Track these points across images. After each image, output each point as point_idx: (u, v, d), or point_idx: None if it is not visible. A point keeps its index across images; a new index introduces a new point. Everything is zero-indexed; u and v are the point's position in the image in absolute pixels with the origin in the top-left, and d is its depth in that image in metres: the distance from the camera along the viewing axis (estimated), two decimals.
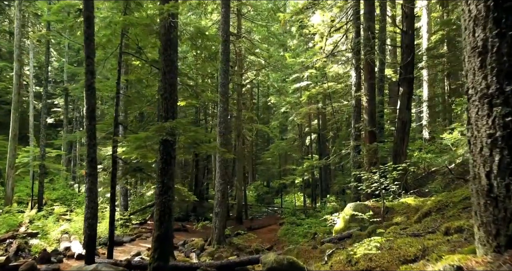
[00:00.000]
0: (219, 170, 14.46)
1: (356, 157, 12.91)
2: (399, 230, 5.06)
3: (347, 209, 8.86)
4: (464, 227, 3.39)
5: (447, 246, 3.06)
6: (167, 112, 6.96)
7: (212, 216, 14.62)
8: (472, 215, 2.58)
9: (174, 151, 7.04)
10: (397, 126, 12.69)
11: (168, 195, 6.83)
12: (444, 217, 5.08)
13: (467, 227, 3.35)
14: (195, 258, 12.07)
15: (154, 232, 6.75)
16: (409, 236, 4.11)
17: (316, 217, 17.99)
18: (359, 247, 3.59)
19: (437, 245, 3.20)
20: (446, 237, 3.48)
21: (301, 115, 24.75)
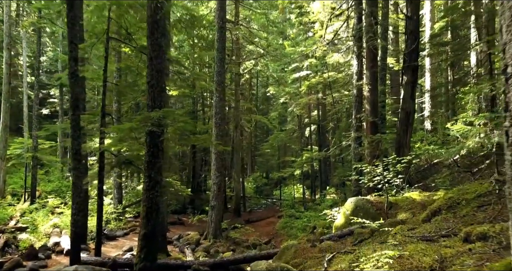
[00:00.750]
0: (215, 162, 13.97)
1: (357, 148, 12.39)
2: (407, 230, 4.57)
3: (348, 204, 8.38)
4: (489, 233, 2.90)
5: (470, 257, 2.57)
6: (153, 101, 6.43)
7: (208, 209, 14.18)
8: (498, 220, 2.05)
9: (162, 142, 6.53)
10: (400, 117, 12.15)
11: (155, 190, 6.34)
12: (456, 217, 4.59)
13: (493, 234, 2.85)
14: (189, 254, 11.65)
15: (141, 230, 6.28)
16: (420, 240, 3.61)
17: (315, 210, 17.57)
18: (366, 263, 3.10)
19: (457, 255, 2.72)
20: (466, 244, 2.99)
21: (301, 106, 24.18)
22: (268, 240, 15.42)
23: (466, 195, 5.03)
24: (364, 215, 7.84)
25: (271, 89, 32.11)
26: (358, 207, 8.06)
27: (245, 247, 13.91)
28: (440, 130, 23.36)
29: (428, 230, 4.23)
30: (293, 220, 17.92)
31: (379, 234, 6.13)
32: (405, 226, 4.90)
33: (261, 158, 32.63)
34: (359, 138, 12.65)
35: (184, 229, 16.16)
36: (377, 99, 12.64)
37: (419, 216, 6.18)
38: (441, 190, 8.17)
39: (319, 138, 25.61)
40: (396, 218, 7.10)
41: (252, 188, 32.14)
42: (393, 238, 4.44)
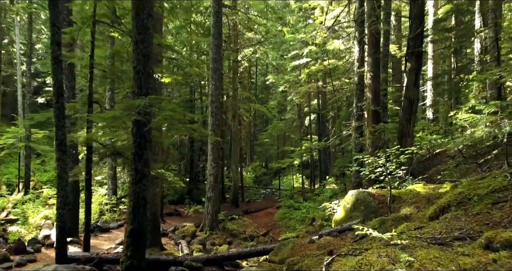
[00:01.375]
0: (212, 153, 13.54)
1: (358, 138, 11.94)
2: (413, 229, 4.15)
3: (349, 196, 7.97)
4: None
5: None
6: (140, 87, 5.95)
7: (205, 200, 13.80)
8: None
9: (150, 133, 6.07)
10: (403, 105, 11.67)
11: (142, 184, 5.91)
12: (468, 215, 4.16)
13: None
14: (184, 246, 11.30)
15: (127, 226, 5.88)
16: (431, 243, 3.19)
17: (315, 201, 17.22)
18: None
19: (480, 267, 2.29)
20: (488, 253, 2.57)
21: (300, 95, 23.64)
22: (266, 232, 15.10)
23: (478, 190, 4.60)
24: (365, 209, 7.45)
25: (270, 77, 31.55)
26: (359, 200, 7.66)
27: (242, 239, 13.59)
28: (442, 120, 22.92)
29: (438, 229, 3.81)
30: (291, 211, 17.59)
31: (382, 232, 5.72)
32: (411, 224, 4.48)
33: (260, 148, 32.21)
34: (360, 127, 12.19)
35: (180, 220, 15.83)
36: (379, 87, 12.16)
37: (425, 211, 5.76)
38: (446, 182, 7.75)
39: (319, 127, 25.15)
40: (399, 213, 6.69)
41: (251, 178, 31.82)
42: (398, 238, 4.02)
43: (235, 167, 20.89)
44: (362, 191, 7.83)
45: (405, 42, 23.44)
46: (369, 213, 7.37)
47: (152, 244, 10.46)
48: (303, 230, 14.06)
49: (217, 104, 13.48)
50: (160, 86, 16.16)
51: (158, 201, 10.65)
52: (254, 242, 13.23)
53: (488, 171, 7.74)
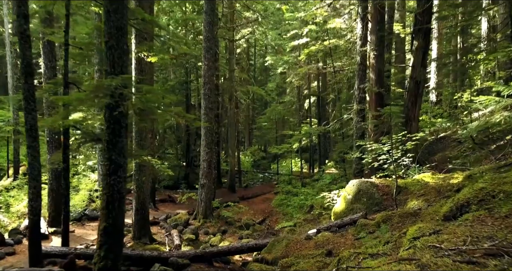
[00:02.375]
0: (205, 138, 12.83)
1: (359, 122, 11.22)
2: (428, 235, 3.46)
3: (350, 187, 7.30)
4: None
5: None
6: (113, 66, 5.18)
7: (198, 187, 13.18)
8: None
9: (126, 118, 5.35)
10: (409, 87, 10.89)
11: (117, 176, 5.22)
12: (495, 217, 3.48)
13: None
14: (176, 236, 10.72)
15: (100, 223, 5.23)
16: (457, 261, 2.50)
17: (313, 187, 16.64)
18: None
19: None
20: None
21: (300, 76, 22.77)
22: (263, 219, 14.55)
23: (504, 186, 3.90)
24: (368, 201, 6.79)
25: (269, 58, 30.57)
26: (361, 191, 6.99)
27: (237, 227, 13.03)
28: (447, 102, 22.12)
29: (460, 237, 3.12)
30: (289, 197, 17.03)
31: (388, 230, 5.06)
32: (424, 226, 3.80)
33: (258, 132, 31.44)
34: (362, 111, 11.45)
35: (174, 207, 15.27)
36: (384, 67, 11.34)
37: (437, 207, 5.09)
38: (457, 171, 7.06)
39: (318, 110, 24.36)
40: (406, 206, 6.03)
41: (249, 162, 31.22)
42: (411, 244, 3.35)
43: (232, 152, 20.23)
44: (364, 181, 7.15)
45: (409, 22, 22.44)
46: (372, 205, 6.72)
47: (140, 234, 9.89)
48: (301, 218, 13.50)
49: (210, 86, 12.68)
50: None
51: (146, 189, 10.00)
52: (250, 230, 12.67)
53: (504, 159, 7.04)
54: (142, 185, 9.85)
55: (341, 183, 14.84)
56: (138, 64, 9.67)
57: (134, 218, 9.90)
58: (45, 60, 10.25)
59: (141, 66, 9.70)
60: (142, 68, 9.72)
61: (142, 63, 9.69)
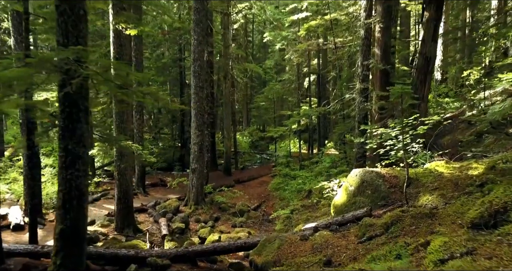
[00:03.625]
0: (195, 119, 11.91)
1: (362, 103, 10.26)
2: (460, 255, 2.62)
3: (352, 177, 6.45)
4: None
5: None
6: (66, 36, 4.22)
7: (189, 172, 12.37)
8: None
9: (85, 99, 4.43)
10: (418, 64, 9.90)
11: (76, 169, 4.36)
12: None
13: None
14: (164, 225, 9.98)
15: (56, 226, 4.40)
16: None
17: (312, 170, 15.85)
18: None
19: None
20: None
21: (299, 53, 21.58)
22: (258, 205, 13.82)
23: None
24: (373, 194, 5.95)
25: (267, 35, 29.24)
26: (365, 182, 6.14)
27: (231, 214, 12.31)
28: (453, 80, 21.06)
29: (509, 266, 2.28)
30: (287, 180, 16.28)
31: (398, 235, 4.23)
32: (451, 241, 2.96)
33: (256, 112, 30.41)
34: (366, 90, 10.48)
35: (165, 192, 14.52)
36: (390, 42, 10.29)
37: (458, 206, 4.24)
38: (475, 160, 6.18)
39: (318, 89, 23.32)
40: (418, 202, 5.18)
41: (247, 142, 30.42)
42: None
43: (227, 133, 19.34)
44: (369, 170, 6.28)
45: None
46: (377, 199, 5.88)
47: (123, 225, 9.14)
48: (298, 204, 12.76)
49: (200, 62, 11.64)
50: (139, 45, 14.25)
51: (129, 176, 9.17)
52: (244, 217, 11.95)
53: None
54: (124, 171, 9.01)
55: (341, 167, 14.04)
56: (116, 38, 8.63)
57: (116, 207, 9.12)
58: (15, 34, 9.20)
59: (120, 40, 8.67)
60: (121, 42, 8.70)
61: (121, 36, 8.66)
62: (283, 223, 10.96)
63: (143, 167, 14.09)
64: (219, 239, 8.36)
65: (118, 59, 8.69)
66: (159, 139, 28.46)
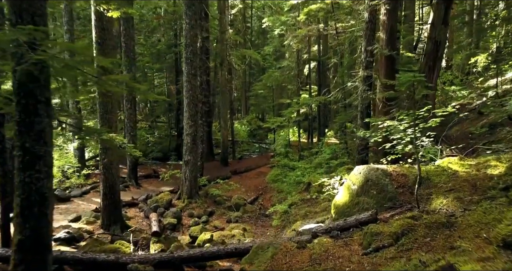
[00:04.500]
0: (188, 108, 11.25)
1: (365, 92, 9.58)
2: None
3: (355, 174, 5.83)
4: None
5: None
6: (20, 15, 3.55)
7: (182, 165, 11.76)
8: None
9: (46, 89, 3.79)
10: (426, 49, 9.20)
11: (36, 170, 3.74)
12: None
13: None
14: (154, 222, 9.43)
15: (14, 236, 3.81)
16: None
17: (311, 161, 15.25)
18: None
19: None
20: None
21: (299, 39, 20.71)
22: (255, 198, 13.28)
23: None
24: (378, 194, 5.34)
25: (266, 20, 28.32)
26: (370, 181, 5.52)
27: (226, 208, 11.77)
28: (459, 67, 20.29)
29: None
30: (285, 171, 15.70)
31: (410, 247, 3.63)
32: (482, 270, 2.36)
33: (254, 100, 29.66)
34: (369, 78, 9.77)
35: (159, 184, 13.96)
36: (396, 25, 9.55)
37: (480, 214, 3.64)
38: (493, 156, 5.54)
39: (319, 77, 22.55)
40: (431, 206, 4.58)
41: (246, 131, 29.72)
42: None
43: (224, 123, 18.69)
44: (374, 168, 5.66)
45: None
46: (383, 200, 5.28)
47: (110, 222, 8.58)
48: (297, 198, 12.19)
49: (193, 48, 10.92)
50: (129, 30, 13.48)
51: (115, 170, 8.55)
52: (240, 212, 11.41)
53: None
54: (110, 166, 8.40)
55: (342, 158, 13.45)
56: (98, 21, 7.92)
57: (102, 203, 8.55)
58: None
59: (102, 24, 7.95)
60: (103, 26, 7.98)
61: (103, 19, 7.94)
62: (280, 218, 10.41)
63: (135, 157, 13.48)
64: (211, 238, 7.81)
65: (101, 44, 7.99)
66: (155, 128, 27.80)
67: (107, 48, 8.04)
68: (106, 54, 8.05)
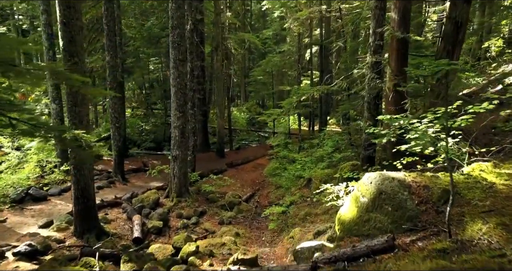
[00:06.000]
0: (175, 98, 10.14)
1: (374, 80, 8.43)
2: None
3: (366, 184, 4.78)
4: None
5: None
6: None
7: (170, 160, 10.72)
8: None
9: None
10: (445, 31, 8.02)
11: None
12: None
13: None
14: (137, 226, 8.49)
15: None
16: None
17: (312, 154, 14.17)
18: None
19: None
20: None
21: (300, 22, 19.39)
22: (251, 194, 12.30)
23: None
24: (395, 212, 4.30)
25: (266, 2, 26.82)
26: (384, 193, 4.47)
27: (219, 207, 10.79)
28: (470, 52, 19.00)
29: None
30: (284, 163, 14.68)
31: None
32: None
33: (252, 87, 28.40)
34: (378, 64, 8.62)
35: (147, 179, 12.90)
36: (410, 3, 8.33)
37: None
38: None
39: (321, 62, 21.27)
40: (466, 235, 3.53)
41: (245, 119, 28.59)
42: None
43: (219, 111, 17.57)
44: (388, 177, 4.59)
45: None
46: (401, 219, 4.23)
47: (83, 229, 7.59)
48: (296, 195, 11.21)
49: (180, 31, 9.73)
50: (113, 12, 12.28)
51: (88, 170, 7.51)
52: (234, 211, 10.44)
53: None
54: (82, 166, 7.36)
55: (345, 151, 12.38)
56: None
57: (74, 208, 7.54)
58: None
59: (67, 1, 6.78)
60: (69, 3, 6.80)
61: None
62: (278, 220, 9.44)
63: (120, 151, 12.44)
64: (196, 250, 6.83)
65: (66, 25, 6.84)
66: (151, 116, 26.70)
67: (74, 29, 6.90)
68: (73, 36, 6.92)
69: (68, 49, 6.97)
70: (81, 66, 7.14)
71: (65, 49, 6.98)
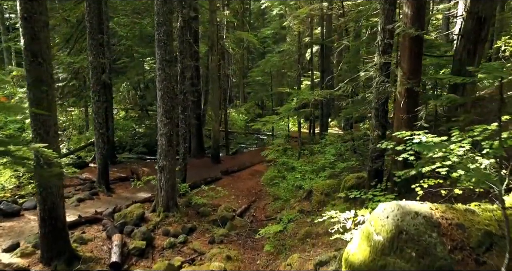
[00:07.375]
0: (162, 103, 9.17)
1: (383, 83, 7.45)
2: None
3: (380, 219, 3.80)
4: None
5: None
6: None
7: (157, 171, 9.74)
8: None
9: None
10: (465, 28, 7.05)
11: None
12: None
13: None
14: (116, 247, 7.54)
15: None
16: None
17: (313, 161, 13.19)
18: None
19: None
20: None
21: (300, 20, 18.40)
22: (246, 207, 11.34)
23: None
24: (420, 258, 3.36)
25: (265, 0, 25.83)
26: (405, 233, 3.49)
27: (211, 222, 9.81)
28: None
29: None
30: (283, 171, 13.69)
31: None
32: None
33: (250, 88, 27.39)
34: (387, 66, 7.65)
35: (134, 189, 11.90)
36: None
37: None
38: None
39: (322, 62, 20.26)
40: None
41: (243, 121, 27.61)
42: None
43: (214, 115, 16.59)
44: (409, 211, 3.62)
45: None
46: (430, 268, 3.25)
47: (51, 254, 6.64)
48: (296, 208, 10.24)
49: (166, 28, 8.76)
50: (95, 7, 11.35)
51: (56, 188, 6.55)
52: (226, 228, 9.45)
53: None
54: (48, 183, 6.39)
55: (349, 161, 11.41)
56: None
57: (40, 231, 6.58)
58: None
59: None
60: None
61: None
62: (275, 240, 8.45)
63: (104, 158, 11.49)
64: None
65: (28, 20, 5.88)
66: (145, 118, 25.72)
67: (37, 25, 5.95)
68: (36, 33, 5.96)
69: (30, 48, 6.01)
70: (47, 67, 6.19)
71: (26, 48, 6.03)
